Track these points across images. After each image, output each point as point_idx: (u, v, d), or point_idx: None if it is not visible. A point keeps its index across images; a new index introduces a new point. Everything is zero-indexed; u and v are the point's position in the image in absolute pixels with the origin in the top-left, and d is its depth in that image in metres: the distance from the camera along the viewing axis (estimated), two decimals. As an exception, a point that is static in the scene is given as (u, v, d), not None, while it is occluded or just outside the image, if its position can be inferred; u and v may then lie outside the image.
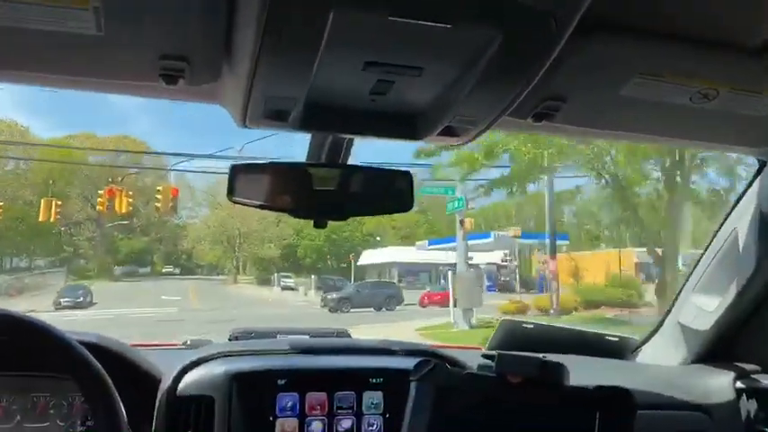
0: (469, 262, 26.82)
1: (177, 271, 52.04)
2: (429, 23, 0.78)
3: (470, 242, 24.75)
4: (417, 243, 35.23)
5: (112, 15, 0.82)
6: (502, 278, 33.64)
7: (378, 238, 44.69)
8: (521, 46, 0.84)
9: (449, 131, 1.09)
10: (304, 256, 49.75)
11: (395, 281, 34.95)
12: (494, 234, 29.37)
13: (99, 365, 1.07)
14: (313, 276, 37.19)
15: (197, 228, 50.31)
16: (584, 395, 1.13)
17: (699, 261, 1.79)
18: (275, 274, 40.36)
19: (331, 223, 1.26)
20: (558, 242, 30.62)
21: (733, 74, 1.03)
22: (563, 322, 12.61)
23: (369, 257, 41.22)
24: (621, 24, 0.94)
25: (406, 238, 44.48)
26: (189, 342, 1.79)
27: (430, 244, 32.81)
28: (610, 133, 1.27)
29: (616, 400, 1.11)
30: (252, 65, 0.85)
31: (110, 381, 1.07)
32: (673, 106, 1.10)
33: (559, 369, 1.13)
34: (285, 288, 37.04)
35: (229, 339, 1.66)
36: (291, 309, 24.76)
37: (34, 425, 1.27)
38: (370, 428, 1.36)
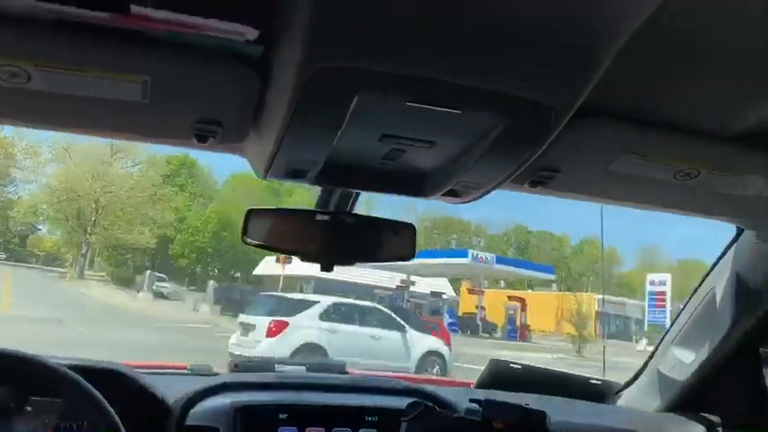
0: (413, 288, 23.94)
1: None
2: (441, 109, 0.88)
3: (438, 260, 22.63)
4: None
5: (158, 86, 0.91)
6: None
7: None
8: (522, 131, 0.93)
9: (453, 193, 1.18)
10: (179, 255, 36.72)
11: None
12: (471, 254, 24.48)
13: (86, 384, 1.15)
14: (211, 283, 26.59)
15: (35, 197, 34.52)
16: None
17: (680, 313, 1.89)
18: (147, 274, 28.14)
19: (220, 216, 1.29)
20: (540, 275, 29.32)
21: (712, 157, 1.14)
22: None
23: (271, 267, 26.76)
24: (612, 110, 1.05)
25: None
26: (191, 367, 1.86)
27: None
28: (600, 200, 1.38)
29: None
30: (279, 134, 0.94)
31: (101, 398, 1.15)
32: (658, 181, 1.20)
33: (541, 416, 1.22)
34: (159, 295, 26.13)
35: (230, 370, 1.73)
36: (188, 336, 14.60)
37: None
38: None
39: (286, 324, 11.21)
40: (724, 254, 1.64)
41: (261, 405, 1.41)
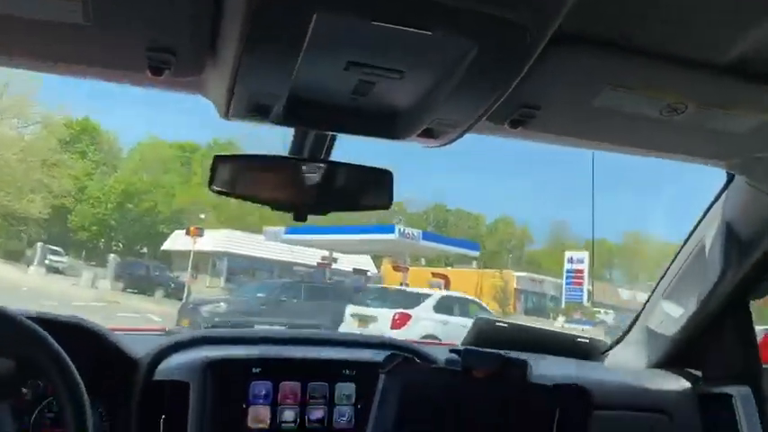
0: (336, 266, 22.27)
1: None
2: (409, 29, 0.81)
3: (363, 236, 21.09)
4: (267, 229, 24.12)
5: (100, 5, 0.84)
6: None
7: (202, 216, 29.11)
8: (496, 56, 0.87)
9: (428, 133, 1.12)
10: (79, 227, 33.02)
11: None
12: (398, 229, 21.98)
13: (50, 339, 1.07)
14: (112, 257, 23.69)
15: None
16: (543, 391, 1.17)
17: (669, 267, 1.84)
18: (38, 246, 24.34)
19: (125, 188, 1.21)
20: (465, 251, 27.86)
21: (702, 90, 1.07)
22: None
23: (180, 241, 24.96)
24: (593, 37, 0.98)
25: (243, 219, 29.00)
26: (167, 329, 1.82)
27: (289, 233, 22.96)
28: (584, 142, 1.31)
29: (574, 397, 1.16)
30: (236, 61, 0.87)
31: (64, 355, 1.06)
32: (644, 118, 1.14)
33: (522, 365, 1.18)
34: (52, 270, 23.23)
35: (206, 327, 1.69)
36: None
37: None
38: (342, 418, 1.40)
39: (409, 316, 11.57)
40: (714, 202, 1.58)
41: (232, 359, 1.37)
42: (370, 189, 1.32)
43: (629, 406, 1.61)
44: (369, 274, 24.74)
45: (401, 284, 21.33)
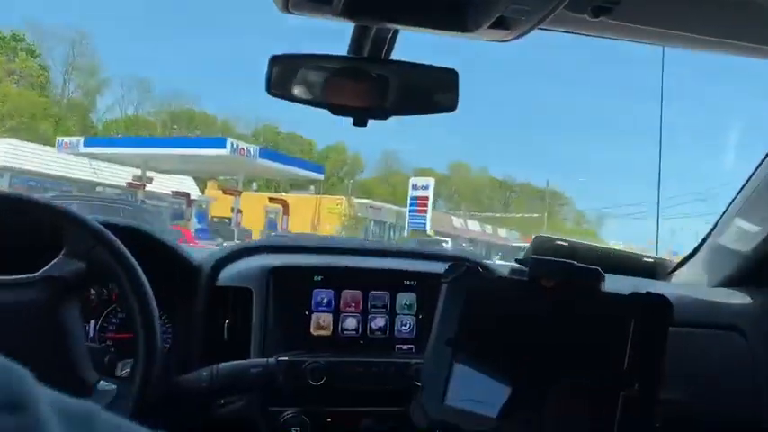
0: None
1: None
2: None
3: (187, 150, 17.88)
4: (62, 139, 20.31)
5: None
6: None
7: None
8: None
9: (501, 23, 1.03)
10: None
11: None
12: (230, 143, 19.14)
13: (120, 244, 1.06)
14: None
15: None
16: (619, 301, 1.12)
17: (746, 184, 1.73)
18: None
19: None
20: (309, 174, 24.75)
21: None
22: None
23: None
24: None
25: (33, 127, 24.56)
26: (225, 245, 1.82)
27: (89, 144, 19.38)
28: (667, 33, 1.19)
29: (653, 306, 1.10)
30: None
31: (133, 260, 1.06)
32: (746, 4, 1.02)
33: (595, 274, 1.12)
34: None
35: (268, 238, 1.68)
36: None
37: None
38: (403, 327, 1.38)
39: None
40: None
41: (295, 267, 1.36)
42: (435, 90, 1.24)
43: (700, 323, 1.55)
44: (194, 198, 21.50)
45: (232, 210, 19.57)
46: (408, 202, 29.35)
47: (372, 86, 1.22)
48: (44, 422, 0.19)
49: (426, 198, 28.69)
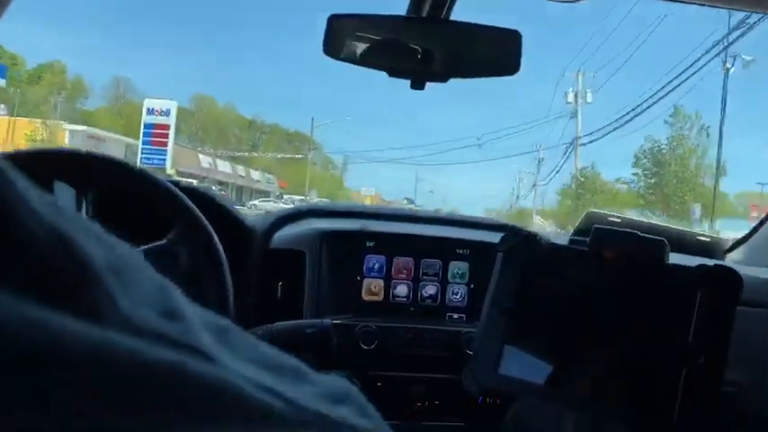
0: None
1: None
2: None
3: None
4: None
5: None
6: None
7: None
8: None
9: None
10: None
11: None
12: None
13: (200, 214, 1.08)
14: None
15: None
16: (686, 273, 1.07)
17: None
18: None
19: None
20: None
21: None
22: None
23: None
24: None
25: None
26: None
27: None
28: None
29: (720, 278, 1.05)
30: None
31: (211, 229, 1.08)
32: None
33: (660, 245, 1.08)
34: None
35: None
36: None
37: None
38: (455, 296, 1.37)
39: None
40: None
41: (347, 231, 1.35)
42: (497, 52, 1.20)
43: (759, 303, 1.49)
44: None
45: None
46: (142, 131, 23.11)
47: (431, 48, 1.19)
48: (197, 329, 0.22)
49: (166, 127, 23.03)
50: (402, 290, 1.35)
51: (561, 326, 1.10)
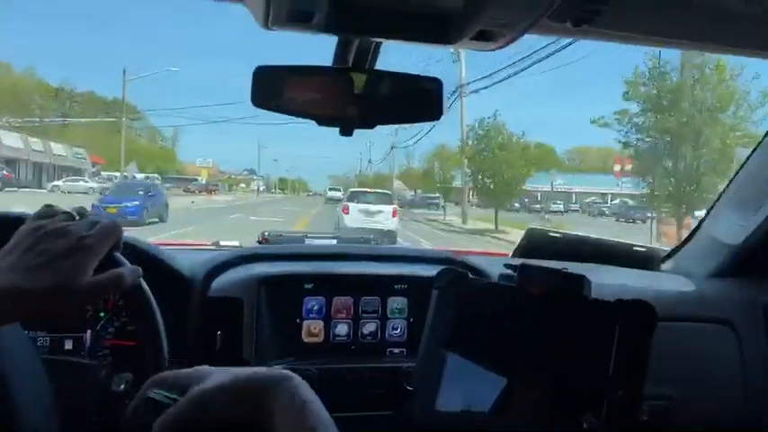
0: None
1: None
2: None
3: None
4: None
5: None
6: None
7: None
8: None
9: (483, 36, 1.03)
10: None
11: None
12: None
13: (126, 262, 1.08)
14: None
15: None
16: (604, 307, 1.13)
17: (737, 174, 1.73)
18: None
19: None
20: None
21: None
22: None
23: None
24: None
25: None
26: (216, 243, 1.83)
27: None
28: (655, 39, 1.19)
29: (637, 312, 1.11)
30: None
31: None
32: (723, 11, 1.02)
33: (581, 281, 1.13)
34: None
35: (258, 242, 1.69)
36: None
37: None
38: (395, 332, 1.40)
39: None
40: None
41: (286, 275, 1.37)
42: (419, 99, 1.24)
43: (690, 317, 1.56)
44: None
45: None
46: None
47: (357, 97, 1.22)
48: None
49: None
50: (342, 329, 1.38)
51: (493, 361, 1.14)
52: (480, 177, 23.72)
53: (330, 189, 49.77)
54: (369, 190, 21.11)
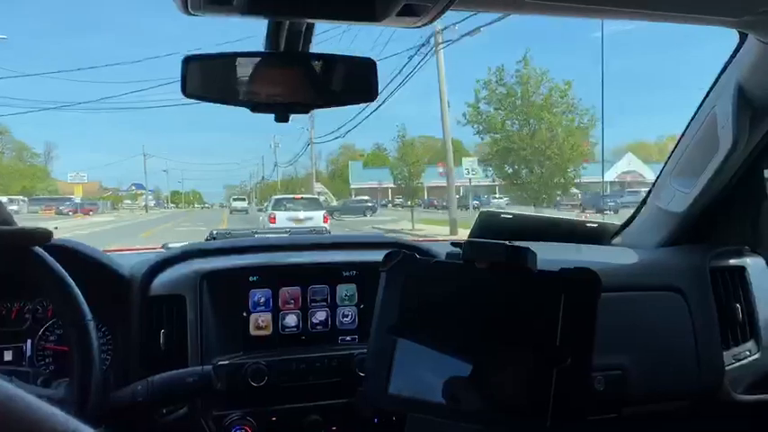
0: None
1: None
2: None
3: None
4: None
5: None
6: None
7: None
8: None
9: (409, 11, 1.02)
10: None
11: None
12: None
13: (51, 260, 1.04)
14: None
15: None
16: (548, 277, 1.13)
17: (678, 143, 1.76)
18: None
19: None
20: None
21: None
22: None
23: None
24: None
25: None
26: (169, 246, 1.79)
27: None
28: (585, 8, 1.19)
29: (580, 280, 1.11)
30: None
31: (65, 274, 1.04)
32: None
33: (525, 253, 1.13)
34: None
35: (206, 240, 1.65)
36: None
37: (11, 329, 1.27)
38: (345, 319, 1.38)
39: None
40: (725, 69, 1.47)
41: (228, 269, 1.34)
42: (353, 81, 1.22)
43: (640, 286, 1.58)
44: None
45: None
46: None
47: (291, 81, 1.19)
48: None
49: None
50: (291, 320, 1.35)
51: (443, 339, 1.13)
52: (512, 162, 18.63)
53: (234, 199, 49.85)
54: (296, 196, 20.10)
